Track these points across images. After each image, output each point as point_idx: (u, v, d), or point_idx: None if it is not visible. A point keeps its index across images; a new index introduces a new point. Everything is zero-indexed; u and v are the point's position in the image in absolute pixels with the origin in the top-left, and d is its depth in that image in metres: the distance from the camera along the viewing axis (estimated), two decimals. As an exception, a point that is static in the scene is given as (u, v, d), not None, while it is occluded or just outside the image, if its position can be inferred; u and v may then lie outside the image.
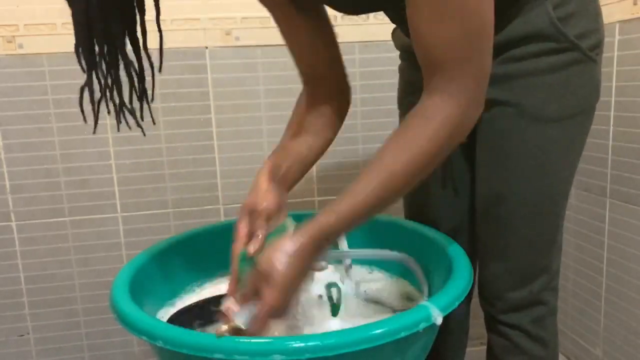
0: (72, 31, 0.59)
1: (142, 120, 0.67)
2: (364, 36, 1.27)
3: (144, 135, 0.70)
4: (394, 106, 1.01)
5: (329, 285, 0.76)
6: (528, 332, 0.86)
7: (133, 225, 1.29)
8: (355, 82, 1.30)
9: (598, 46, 0.78)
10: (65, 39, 1.17)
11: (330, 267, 0.77)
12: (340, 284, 0.77)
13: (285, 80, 1.27)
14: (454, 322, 1.03)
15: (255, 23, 0.81)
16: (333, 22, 0.82)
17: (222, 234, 0.85)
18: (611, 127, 1.18)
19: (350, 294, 0.79)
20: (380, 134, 1.33)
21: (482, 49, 0.61)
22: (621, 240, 1.20)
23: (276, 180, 0.77)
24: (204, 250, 0.90)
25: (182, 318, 0.80)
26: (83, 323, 1.32)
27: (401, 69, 0.98)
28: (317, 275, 0.74)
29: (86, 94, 0.62)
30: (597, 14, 0.78)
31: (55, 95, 1.20)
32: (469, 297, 1.01)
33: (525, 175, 0.79)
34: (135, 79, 0.65)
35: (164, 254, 0.84)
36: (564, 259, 1.31)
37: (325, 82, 0.85)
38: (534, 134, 0.78)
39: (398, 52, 0.98)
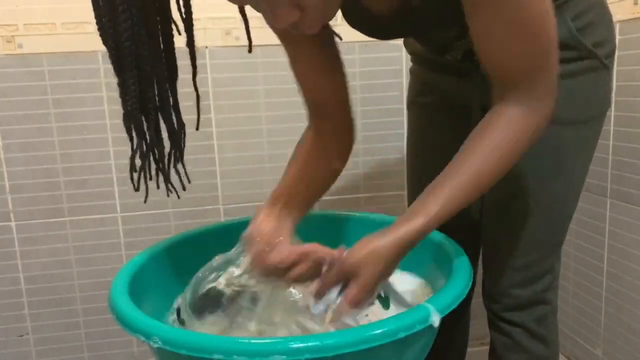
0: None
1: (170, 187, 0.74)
2: (364, 36, 1.26)
3: (179, 198, 0.74)
4: (394, 106, 1.01)
5: None
6: (530, 331, 0.87)
7: (133, 225, 1.29)
8: (355, 82, 1.30)
9: (612, 54, 0.80)
10: (64, 39, 1.17)
11: None
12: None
13: (285, 80, 1.26)
14: (454, 322, 1.03)
15: (256, 23, 0.81)
16: (333, 22, 0.82)
17: (222, 234, 0.85)
18: (611, 127, 1.18)
19: None
20: (380, 133, 1.33)
21: (550, 60, 0.64)
22: (621, 240, 1.20)
23: (281, 205, 0.77)
24: (204, 250, 0.89)
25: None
26: (83, 323, 1.32)
27: (414, 71, 1.00)
28: None
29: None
30: (611, 22, 0.80)
31: (54, 95, 1.20)
32: (469, 297, 1.01)
33: (540, 176, 0.81)
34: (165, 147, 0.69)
35: (163, 254, 0.84)
36: (564, 259, 1.31)
37: (334, 115, 0.83)
38: (551, 136, 0.78)
39: (398, 52, 0.99)
